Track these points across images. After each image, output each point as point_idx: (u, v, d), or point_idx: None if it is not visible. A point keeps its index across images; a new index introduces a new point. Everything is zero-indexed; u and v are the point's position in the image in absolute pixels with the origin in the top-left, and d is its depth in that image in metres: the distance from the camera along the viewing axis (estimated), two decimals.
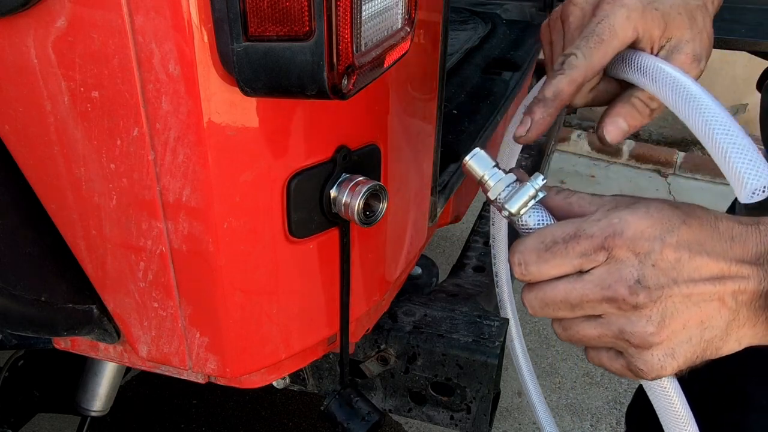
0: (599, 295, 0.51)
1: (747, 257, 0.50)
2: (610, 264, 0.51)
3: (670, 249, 0.50)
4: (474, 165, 0.61)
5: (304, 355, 0.81)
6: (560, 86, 0.63)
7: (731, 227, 0.51)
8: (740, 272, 0.50)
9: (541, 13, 2.19)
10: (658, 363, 0.52)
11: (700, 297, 0.50)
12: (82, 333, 0.77)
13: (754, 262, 0.50)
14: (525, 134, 0.65)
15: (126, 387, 2.10)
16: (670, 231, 0.50)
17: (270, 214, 0.65)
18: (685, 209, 0.53)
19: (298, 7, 0.49)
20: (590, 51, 0.62)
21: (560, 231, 0.53)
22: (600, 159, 3.93)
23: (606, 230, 0.51)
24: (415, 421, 1.65)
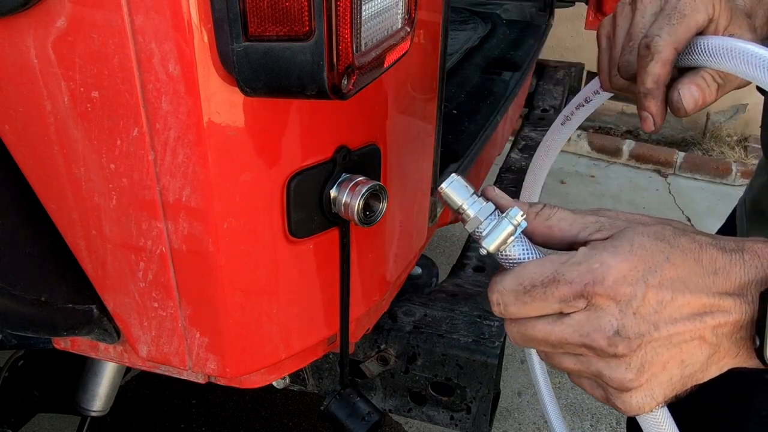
0: (578, 341, 0.50)
1: (729, 289, 0.49)
2: (590, 311, 0.50)
3: (652, 292, 0.49)
4: (450, 193, 0.57)
5: (304, 355, 0.81)
6: (656, 71, 0.62)
7: (714, 259, 0.50)
8: (721, 306, 0.49)
9: (541, 13, 2.19)
10: (637, 404, 0.52)
11: (681, 337, 0.49)
12: (82, 333, 0.77)
13: (736, 293, 0.49)
14: (654, 127, 0.66)
15: (126, 387, 2.10)
16: (653, 271, 0.49)
17: (270, 214, 0.65)
18: (669, 239, 0.50)
19: (298, 7, 0.49)
20: (673, 28, 0.61)
21: (539, 273, 0.51)
22: (600, 159, 3.92)
23: (585, 277, 0.49)
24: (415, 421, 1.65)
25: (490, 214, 0.56)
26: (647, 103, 0.64)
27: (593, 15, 2.21)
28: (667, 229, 0.51)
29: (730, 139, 3.97)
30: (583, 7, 2.28)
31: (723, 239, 0.51)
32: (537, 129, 1.88)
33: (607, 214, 0.54)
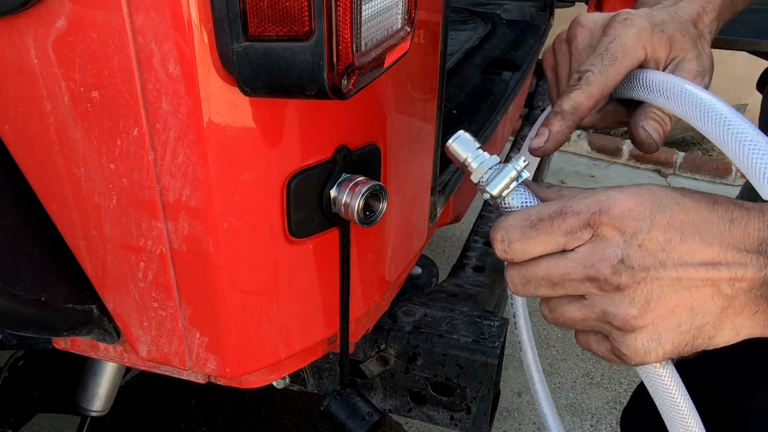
0: (581, 274, 0.50)
1: (746, 243, 0.48)
2: (595, 242, 0.50)
3: (659, 229, 0.48)
4: (457, 148, 0.59)
5: (304, 355, 0.81)
6: (578, 100, 0.63)
7: (730, 210, 0.49)
8: (737, 259, 0.48)
9: (541, 13, 2.19)
10: (642, 348, 0.50)
11: (691, 282, 0.48)
12: (82, 333, 0.77)
13: (755, 250, 0.48)
14: (543, 145, 0.63)
15: (126, 387, 2.10)
16: (661, 211, 0.48)
17: (270, 214, 0.65)
18: (681, 190, 0.50)
19: (298, 7, 0.49)
20: (605, 68, 0.63)
21: (546, 209, 0.52)
22: (600, 159, 3.93)
23: (592, 207, 0.49)
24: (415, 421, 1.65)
25: (495, 165, 0.58)
26: (554, 120, 0.64)
27: None
28: (680, 188, 0.51)
29: None
30: (583, 7, 2.28)
31: (740, 200, 0.50)
32: None
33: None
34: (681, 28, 0.66)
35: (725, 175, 3.72)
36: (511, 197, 0.56)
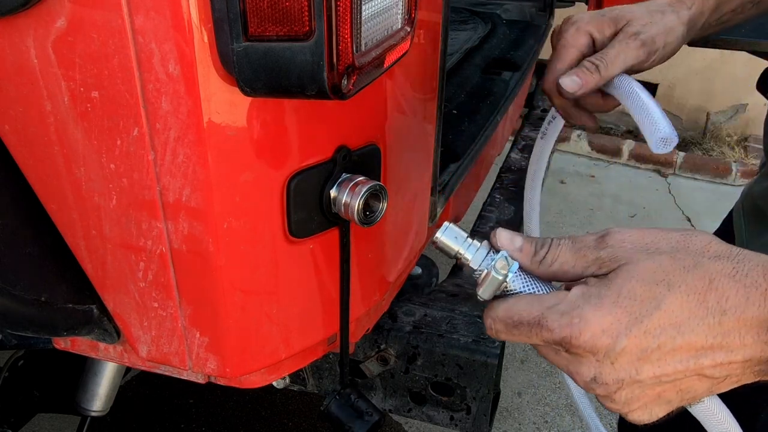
0: (562, 367, 0.52)
1: (741, 329, 0.46)
2: (571, 356, 0.51)
3: (634, 342, 0.47)
4: (445, 241, 0.58)
5: (304, 355, 0.81)
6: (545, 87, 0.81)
7: (726, 297, 0.46)
8: (724, 345, 0.47)
9: (541, 13, 2.19)
10: (638, 418, 0.51)
11: (672, 377, 0.48)
12: (82, 333, 0.77)
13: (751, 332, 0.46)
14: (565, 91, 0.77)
15: (126, 387, 2.10)
16: (639, 321, 0.47)
17: (270, 214, 0.65)
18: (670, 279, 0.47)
19: (298, 7, 0.49)
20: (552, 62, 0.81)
21: (527, 313, 0.52)
22: (600, 159, 3.93)
23: (564, 330, 0.49)
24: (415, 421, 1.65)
25: (484, 259, 0.56)
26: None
27: None
28: (677, 263, 0.48)
29: (730, 139, 3.97)
30: (583, 7, 2.28)
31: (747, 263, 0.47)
32: (537, 129, 1.88)
33: (612, 240, 0.51)
34: (637, 8, 0.79)
35: (725, 175, 3.72)
36: (509, 288, 0.56)
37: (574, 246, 0.52)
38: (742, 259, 0.48)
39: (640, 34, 0.76)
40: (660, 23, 0.77)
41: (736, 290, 0.46)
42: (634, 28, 0.76)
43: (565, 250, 0.53)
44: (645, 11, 0.78)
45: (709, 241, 0.49)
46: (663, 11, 0.78)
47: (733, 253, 0.48)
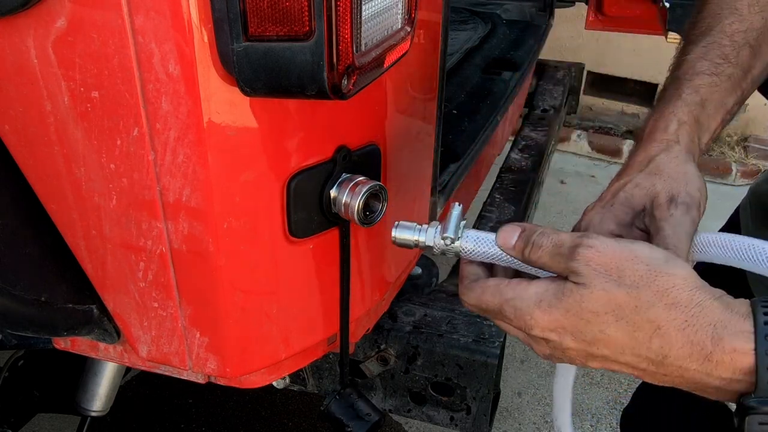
0: (523, 341, 0.58)
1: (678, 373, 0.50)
2: (528, 336, 0.57)
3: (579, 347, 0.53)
4: (401, 235, 0.64)
5: (304, 355, 0.81)
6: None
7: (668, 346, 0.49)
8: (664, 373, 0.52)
9: (541, 13, 2.20)
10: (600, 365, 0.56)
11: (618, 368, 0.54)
12: (82, 333, 0.77)
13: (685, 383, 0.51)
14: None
15: (126, 387, 2.10)
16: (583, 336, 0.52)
17: (270, 214, 0.65)
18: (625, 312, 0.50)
19: (298, 7, 0.49)
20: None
21: (491, 302, 0.58)
22: (600, 159, 3.92)
23: (519, 323, 0.56)
24: (415, 421, 1.65)
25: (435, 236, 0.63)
26: None
27: (593, 15, 2.21)
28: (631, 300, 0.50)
29: (730, 139, 3.97)
30: (583, 7, 2.28)
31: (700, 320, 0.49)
32: (537, 129, 1.88)
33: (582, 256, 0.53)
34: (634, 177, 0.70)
35: (725, 175, 3.72)
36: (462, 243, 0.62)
37: (552, 251, 0.55)
38: (697, 313, 0.49)
39: (675, 198, 0.65)
40: (676, 175, 0.66)
41: (681, 344, 0.49)
42: (663, 197, 0.65)
43: (544, 253, 0.56)
44: (648, 174, 0.67)
45: (673, 285, 0.50)
46: (665, 161, 0.68)
47: (692, 303, 0.49)
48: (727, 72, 0.71)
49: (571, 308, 0.52)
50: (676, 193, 0.65)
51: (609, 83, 4.03)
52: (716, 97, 0.71)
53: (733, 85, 0.71)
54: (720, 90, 0.71)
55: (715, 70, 0.71)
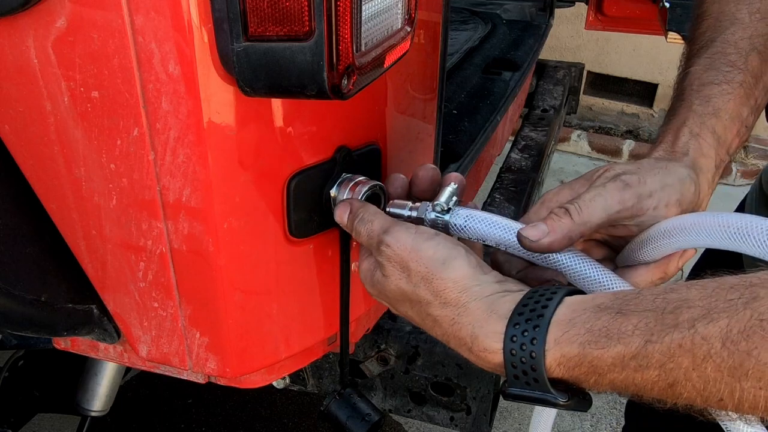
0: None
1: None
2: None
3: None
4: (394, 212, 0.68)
5: (304, 355, 0.81)
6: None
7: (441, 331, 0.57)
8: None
9: (541, 13, 2.20)
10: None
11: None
12: (82, 333, 0.77)
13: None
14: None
15: (126, 387, 2.10)
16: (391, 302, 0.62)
17: (270, 214, 0.65)
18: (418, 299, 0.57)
19: (298, 7, 0.49)
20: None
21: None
22: (600, 159, 3.92)
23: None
24: (415, 421, 1.65)
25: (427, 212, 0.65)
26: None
27: (593, 15, 2.21)
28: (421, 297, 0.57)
29: None
30: (583, 7, 2.28)
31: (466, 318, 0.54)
32: (537, 129, 1.88)
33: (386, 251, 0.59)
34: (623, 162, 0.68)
35: (725, 175, 3.72)
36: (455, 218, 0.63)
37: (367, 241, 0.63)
38: (461, 313, 0.54)
39: (622, 174, 0.60)
40: (653, 168, 0.62)
41: (453, 336, 0.55)
42: (614, 171, 0.62)
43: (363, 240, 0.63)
44: (632, 162, 0.64)
45: (444, 287, 0.55)
46: (655, 162, 0.63)
47: (458, 303, 0.54)
48: (738, 79, 0.67)
49: (382, 291, 0.61)
50: (629, 172, 0.61)
51: (609, 83, 4.03)
52: (730, 107, 0.66)
53: (746, 93, 0.67)
54: (734, 98, 0.66)
55: (725, 78, 0.67)
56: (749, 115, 0.67)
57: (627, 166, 0.62)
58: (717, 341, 0.42)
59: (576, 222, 0.58)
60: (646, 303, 0.46)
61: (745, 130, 0.67)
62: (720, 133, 0.65)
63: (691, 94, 0.67)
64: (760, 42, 0.68)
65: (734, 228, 0.51)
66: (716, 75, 0.67)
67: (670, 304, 0.45)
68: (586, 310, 0.48)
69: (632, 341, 0.45)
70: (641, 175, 0.60)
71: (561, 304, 0.50)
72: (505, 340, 0.50)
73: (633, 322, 0.46)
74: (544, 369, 0.49)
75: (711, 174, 0.64)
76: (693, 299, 0.44)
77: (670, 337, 0.43)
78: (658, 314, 0.45)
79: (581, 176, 0.66)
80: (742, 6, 0.70)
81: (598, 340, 0.47)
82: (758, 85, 0.68)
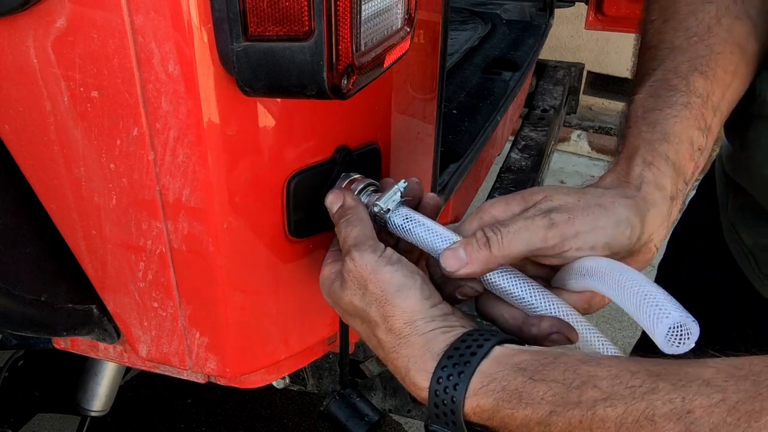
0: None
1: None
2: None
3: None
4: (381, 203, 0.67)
5: (304, 355, 0.81)
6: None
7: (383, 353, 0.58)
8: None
9: (541, 13, 2.20)
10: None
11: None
12: (82, 333, 0.77)
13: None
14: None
15: (126, 387, 2.10)
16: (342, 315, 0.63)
17: (270, 214, 0.65)
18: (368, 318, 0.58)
19: (298, 7, 0.49)
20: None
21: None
22: (600, 159, 3.92)
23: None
24: (415, 421, 1.65)
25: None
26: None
27: (593, 15, 2.21)
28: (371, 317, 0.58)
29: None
30: (583, 7, 2.28)
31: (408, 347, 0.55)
32: (537, 129, 1.88)
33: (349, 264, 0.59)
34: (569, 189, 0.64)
35: None
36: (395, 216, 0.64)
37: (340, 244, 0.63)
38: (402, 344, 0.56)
39: (552, 211, 0.58)
40: (590, 204, 0.59)
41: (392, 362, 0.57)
42: (549, 203, 0.59)
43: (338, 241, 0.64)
44: (577, 190, 0.61)
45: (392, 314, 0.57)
46: (602, 193, 0.60)
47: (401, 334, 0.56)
48: (681, 101, 0.64)
49: (336, 302, 0.62)
50: (561, 209, 0.58)
51: (609, 83, 4.03)
52: (678, 129, 0.63)
53: (692, 114, 0.64)
54: (680, 120, 0.64)
55: (667, 103, 0.65)
56: (700, 137, 0.65)
57: (566, 198, 0.60)
58: (612, 425, 0.44)
59: (494, 254, 0.58)
60: (556, 374, 0.48)
61: (698, 153, 0.65)
62: (674, 159, 0.62)
63: (638, 122, 0.66)
64: (701, 63, 0.67)
65: (628, 291, 0.53)
66: (658, 101, 0.65)
67: (579, 377, 0.47)
68: (506, 367, 0.51)
69: (539, 409, 0.48)
70: (573, 213, 0.58)
71: (488, 355, 0.52)
72: (432, 380, 0.52)
73: (543, 390, 0.48)
74: (462, 414, 0.51)
75: (666, 207, 0.61)
76: (600, 378, 0.46)
77: (572, 413, 0.46)
78: (565, 388, 0.47)
79: (520, 192, 0.64)
80: (680, 33, 0.69)
81: (510, 399, 0.49)
82: (707, 105, 0.65)
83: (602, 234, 0.58)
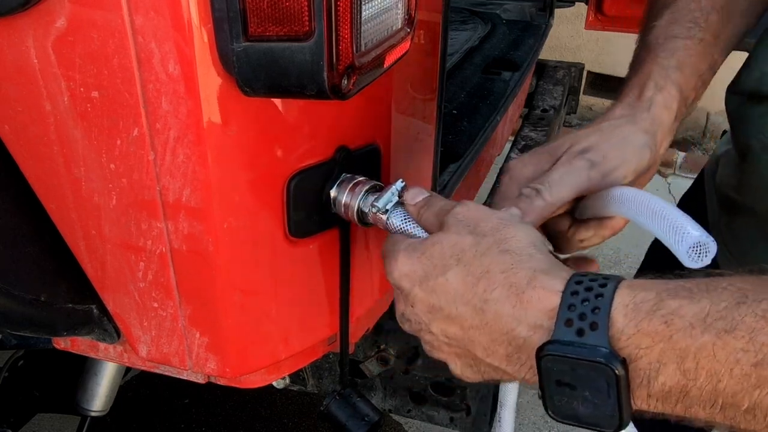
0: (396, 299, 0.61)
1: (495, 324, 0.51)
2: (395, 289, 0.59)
3: (423, 294, 0.55)
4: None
5: (304, 355, 0.81)
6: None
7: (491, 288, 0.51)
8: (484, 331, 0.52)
9: (541, 13, 2.20)
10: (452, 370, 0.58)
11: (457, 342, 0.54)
12: (82, 333, 0.77)
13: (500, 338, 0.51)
14: None
15: (126, 387, 2.10)
16: (427, 278, 0.54)
17: (270, 214, 0.65)
18: (465, 255, 0.53)
19: (298, 7, 0.49)
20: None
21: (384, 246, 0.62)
22: None
23: (386, 266, 0.59)
24: (415, 421, 1.65)
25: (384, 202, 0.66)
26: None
27: (593, 15, 2.21)
28: (474, 246, 0.53)
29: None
30: (583, 7, 2.28)
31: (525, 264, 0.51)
32: (537, 129, 1.88)
33: (454, 211, 0.57)
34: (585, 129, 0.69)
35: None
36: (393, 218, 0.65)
37: (437, 211, 0.60)
38: (524, 260, 0.51)
39: (587, 152, 0.64)
40: (612, 138, 0.65)
41: (501, 284, 0.50)
42: (579, 146, 0.65)
43: (431, 213, 0.61)
44: (593, 129, 0.67)
45: (513, 236, 0.53)
46: (616, 125, 0.67)
47: (523, 252, 0.52)
48: (699, 36, 0.70)
49: (426, 251, 0.55)
50: (592, 148, 0.64)
51: (609, 83, 4.03)
52: (692, 62, 0.70)
53: (705, 50, 0.71)
54: (694, 54, 0.70)
55: (688, 33, 0.71)
56: (706, 71, 0.71)
57: (591, 138, 0.66)
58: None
59: (548, 202, 0.61)
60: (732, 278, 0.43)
61: (701, 85, 0.72)
62: (682, 86, 0.69)
63: (657, 47, 0.71)
64: (719, 2, 0.72)
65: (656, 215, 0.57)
66: (680, 30, 0.71)
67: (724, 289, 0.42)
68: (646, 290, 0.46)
69: (722, 297, 0.41)
70: (605, 151, 0.64)
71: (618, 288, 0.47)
72: (570, 282, 0.48)
73: (723, 285, 0.42)
74: (609, 312, 0.44)
75: (669, 125, 0.69)
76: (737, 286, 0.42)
77: (758, 305, 0.39)
78: (757, 280, 0.42)
79: (543, 147, 0.68)
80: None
81: (678, 292, 0.43)
82: (717, 43, 0.72)
83: (632, 164, 0.64)
